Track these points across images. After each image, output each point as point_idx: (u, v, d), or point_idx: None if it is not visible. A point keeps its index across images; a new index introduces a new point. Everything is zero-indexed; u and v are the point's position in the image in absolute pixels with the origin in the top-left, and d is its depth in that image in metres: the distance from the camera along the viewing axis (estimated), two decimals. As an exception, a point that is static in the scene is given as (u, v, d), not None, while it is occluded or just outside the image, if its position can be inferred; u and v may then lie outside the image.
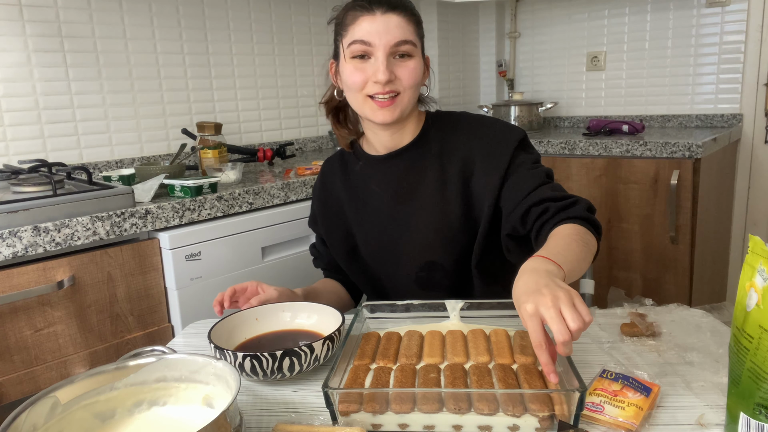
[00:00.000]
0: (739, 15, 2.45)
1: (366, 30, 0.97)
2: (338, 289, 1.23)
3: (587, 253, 0.87)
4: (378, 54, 0.97)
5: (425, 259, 1.08)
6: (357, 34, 0.98)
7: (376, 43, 0.97)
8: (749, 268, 0.60)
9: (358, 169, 1.14)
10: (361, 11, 0.99)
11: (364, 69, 0.99)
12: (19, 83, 1.65)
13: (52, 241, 1.19)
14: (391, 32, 0.97)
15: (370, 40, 0.97)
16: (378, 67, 0.97)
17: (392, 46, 0.97)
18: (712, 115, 2.58)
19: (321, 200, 1.20)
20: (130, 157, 1.90)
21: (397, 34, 0.97)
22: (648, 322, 0.91)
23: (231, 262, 1.48)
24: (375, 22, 0.97)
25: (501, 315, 0.89)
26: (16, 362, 1.20)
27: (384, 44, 0.97)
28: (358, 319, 0.86)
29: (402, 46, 0.98)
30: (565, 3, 2.92)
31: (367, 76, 0.99)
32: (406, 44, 0.98)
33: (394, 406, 0.66)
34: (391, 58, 0.98)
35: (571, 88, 2.96)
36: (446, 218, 1.05)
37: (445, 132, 1.10)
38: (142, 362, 0.69)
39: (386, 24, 0.97)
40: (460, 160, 1.06)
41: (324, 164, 1.23)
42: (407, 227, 1.08)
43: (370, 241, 1.12)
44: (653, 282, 2.16)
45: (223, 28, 2.12)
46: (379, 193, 1.11)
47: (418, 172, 1.08)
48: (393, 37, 0.97)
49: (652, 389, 0.71)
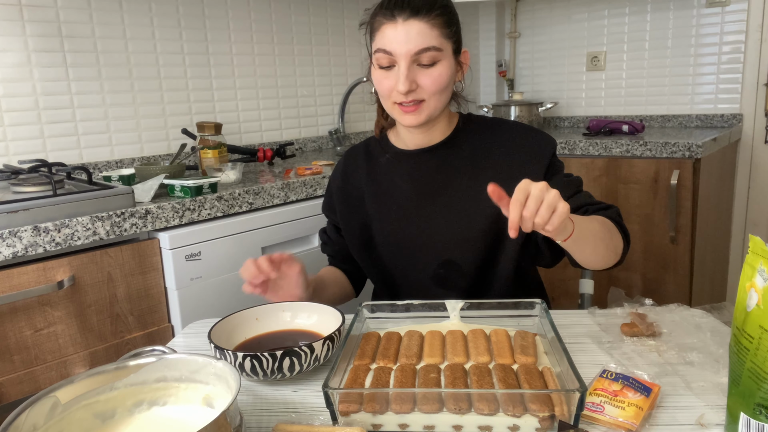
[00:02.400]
0: (739, 15, 2.45)
1: (389, 39, 0.97)
2: (342, 280, 1.23)
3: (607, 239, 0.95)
4: (400, 63, 0.97)
5: (444, 257, 1.08)
6: (380, 42, 0.99)
7: (397, 53, 0.97)
8: (749, 268, 0.60)
9: (384, 161, 1.14)
10: (384, 18, 0.98)
11: (389, 77, 0.99)
12: (19, 83, 1.65)
13: (52, 241, 1.19)
14: (412, 41, 0.96)
15: (391, 49, 0.97)
16: (398, 77, 0.97)
17: (413, 55, 0.96)
18: (712, 115, 2.58)
19: (341, 188, 1.18)
20: (130, 157, 1.90)
21: (418, 42, 0.96)
22: (648, 322, 0.91)
23: (231, 262, 1.48)
24: (396, 31, 0.96)
25: (501, 315, 0.89)
26: (16, 362, 1.20)
27: (405, 53, 0.96)
28: (358, 319, 0.86)
29: (424, 54, 0.97)
30: (565, 3, 2.92)
31: (392, 85, 0.99)
32: (428, 51, 0.97)
33: (394, 406, 0.66)
34: (414, 65, 0.98)
35: (571, 88, 2.96)
36: (473, 220, 1.06)
37: (478, 135, 1.10)
38: (142, 362, 0.69)
39: (407, 32, 0.96)
40: (494, 165, 1.07)
41: (348, 152, 1.22)
42: (430, 224, 1.08)
43: (389, 233, 1.12)
44: (653, 282, 2.16)
45: (223, 28, 2.12)
46: (403, 187, 1.11)
47: (446, 172, 1.09)
48: (414, 45, 0.96)
49: (653, 389, 0.71)
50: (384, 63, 0.99)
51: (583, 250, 0.93)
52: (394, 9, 0.97)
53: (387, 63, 0.99)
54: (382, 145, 1.16)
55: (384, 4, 0.99)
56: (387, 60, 0.98)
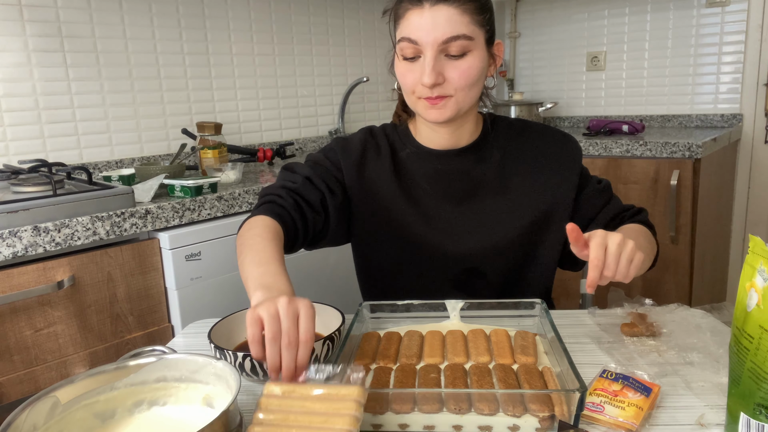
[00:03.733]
0: (739, 15, 2.45)
1: (414, 26, 0.88)
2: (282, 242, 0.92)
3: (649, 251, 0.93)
4: (426, 53, 0.88)
5: (468, 265, 1.03)
6: (405, 30, 0.90)
7: (423, 42, 0.88)
8: (749, 268, 0.60)
9: (405, 155, 1.05)
10: (409, 3, 0.89)
11: (413, 70, 0.91)
12: (19, 83, 1.65)
13: (52, 241, 1.19)
14: (439, 28, 0.86)
15: (416, 37, 0.88)
16: (424, 68, 0.88)
17: (441, 44, 0.87)
18: (712, 115, 2.58)
19: (357, 162, 1.04)
20: (130, 157, 1.90)
21: (446, 29, 0.87)
22: (648, 322, 0.91)
23: (231, 262, 1.48)
24: (423, 17, 0.87)
25: (501, 315, 0.89)
26: (16, 362, 1.20)
27: (431, 42, 0.87)
28: (358, 319, 0.86)
29: (452, 43, 0.87)
30: (565, 3, 2.92)
31: (417, 78, 0.91)
32: (458, 40, 0.87)
33: (394, 406, 0.66)
34: (442, 56, 0.89)
35: (571, 88, 2.96)
36: (503, 229, 1.02)
37: (508, 140, 1.05)
38: (142, 362, 0.69)
39: (434, 18, 0.87)
40: (524, 171, 1.03)
41: (368, 130, 1.09)
42: (454, 229, 1.03)
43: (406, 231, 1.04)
44: (653, 282, 2.16)
45: (223, 28, 2.12)
46: (425, 187, 1.03)
47: (475, 178, 1.02)
48: (442, 33, 0.87)
49: (653, 389, 0.71)
50: (408, 53, 0.90)
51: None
52: None
53: (412, 53, 0.90)
54: (402, 137, 1.06)
55: None
56: (412, 50, 0.90)
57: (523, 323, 0.88)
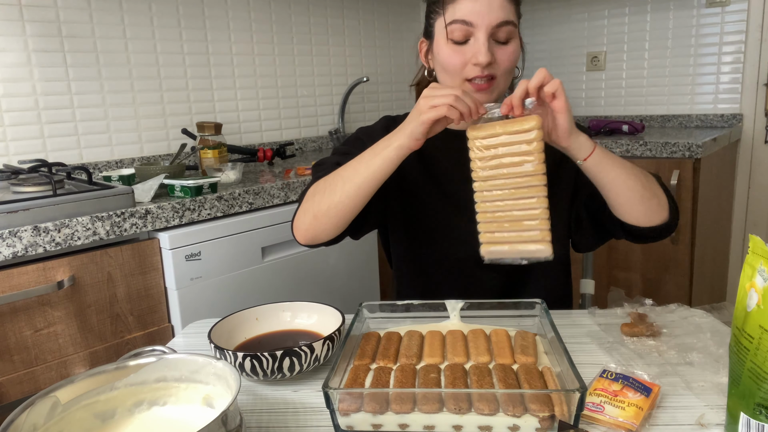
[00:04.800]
0: (739, 15, 2.45)
1: (468, 9, 0.92)
2: None
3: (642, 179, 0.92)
4: (479, 35, 0.93)
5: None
6: (458, 13, 0.93)
7: (478, 24, 0.92)
8: (749, 268, 0.60)
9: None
10: None
11: (463, 51, 0.95)
12: (19, 83, 1.65)
13: (52, 241, 1.19)
14: (494, 12, 0.92)
15: (471, 20, 0.92)
16: (479, 48, 0.93)
17: (494, 27, 0.92)
18: (712, 115, 2.58)
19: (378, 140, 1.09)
20: (130, 157, 1.90)
21: (500, 14, 0.92)
22: (648, 322, 0.91)
23: (231, 262, 1.48)
24: (477, 1, 0.92)
25: (501, 315, 0.89)
26: (16, 362, 1.20)
27: (486, 25, 0.92)
28: (358, 319, 0.86)
29: (503, 27, 0.93)
30: (565, 3, 2.92)
31: (466, 59, 0.94)
32: (508, 25, 0.93)
33: (394, 406, 0.66)
34: (491, 39, 0.94)
35: (571, 88, 2.96)
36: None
37: None
38: (142, 362, 0.69)
39: (489, 3, 0.92)
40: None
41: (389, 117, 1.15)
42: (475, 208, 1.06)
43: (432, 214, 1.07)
44: (653, 282, 2.16)
45: (223, 28, 2.12)
46: (450, 170, 1.07)
47: None
48: (496, 17, 0.92)
49: (653, 389, 0.71)
50: (458, 36, 0.94)
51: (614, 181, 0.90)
52: None
53: (462, 36, 0.94)
54: None
55: None
56: (463, 33, 0.93)
57: (523, 323, 0.88)
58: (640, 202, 0.92)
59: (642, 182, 0.92)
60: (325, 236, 0.97)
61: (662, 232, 0.98)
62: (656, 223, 0.95)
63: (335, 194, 0.92)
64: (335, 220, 0.93)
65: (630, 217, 0.94)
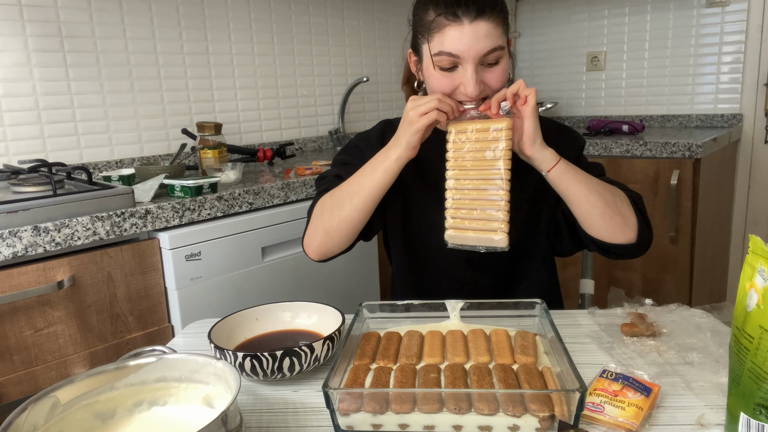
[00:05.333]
0: (739, 15, 2.45)
1: (454, 41, 0.92)
2: None
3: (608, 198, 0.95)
4: (467, 66, 0.93)
5: None
6: (444, 45, 0.93)
7: (464, 56, 0.92)
8: (749, 268, 0.60)
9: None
10: (446, 19, 0.93)
11: (452, 77, 0.95)
12: (19, 83, 1.65)
13: (52, 241, 1.19)
14: (480, 42, 0.92)
15: (458, 52, 0.92)
16: (467, 80, 0.93)
17: (482, 57, 0.93)
18: (712, 115, 2.58)
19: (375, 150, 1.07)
20: (130, 157, 1.90)
21: (486, 43, 0.92)
22: (648, 322, 0.91)
23: (231, 262, 1.49)
24: (463, 32, 0.92)
25: (501, 315, 0.89)
26: (16, 362, 1.20)
27: (473, 56, 0.92)
28: (358, 319, 0.86)
29: (491, 54, 0.93)
30: (565, 3, 2.92)
31: (454, 85, 0.96)
32: (495, 52, 0.93)
33: (394, 406, 0.66)
34: (479, 65, 0.94)
35: (571, 88, 2.96)
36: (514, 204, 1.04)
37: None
38: (142, 362, 0.69)
39: (475, 34, 0.91)
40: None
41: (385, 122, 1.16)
42: None
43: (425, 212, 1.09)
44: (653, 282, 2.16)
45: (223, 28, 2.12)
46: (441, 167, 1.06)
47: None
48: (483, 47, 0.92)
49: (653, 389, 0.71)
50: (446, 65, 0.95)
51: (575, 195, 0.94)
52: (457, 8, 0.92)
53: (449, 65, 0.95)
54: None
55: (440, 2, 0.94)
56: (450, 62, 0.94)
57: (523, 323, 0.88)
58: (601, 218, 0.95)
59: (606, 200, 0.95)
60: (337, 249, 1.04)
61: (629, 250, 1.00)
62: (620, 241, 0.98)
63: (344, 209, 0.98)
64: (346, 232, 1.01)
65: (592, 231, 0.98)
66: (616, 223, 0.96)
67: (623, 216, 0.96)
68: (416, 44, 1.02)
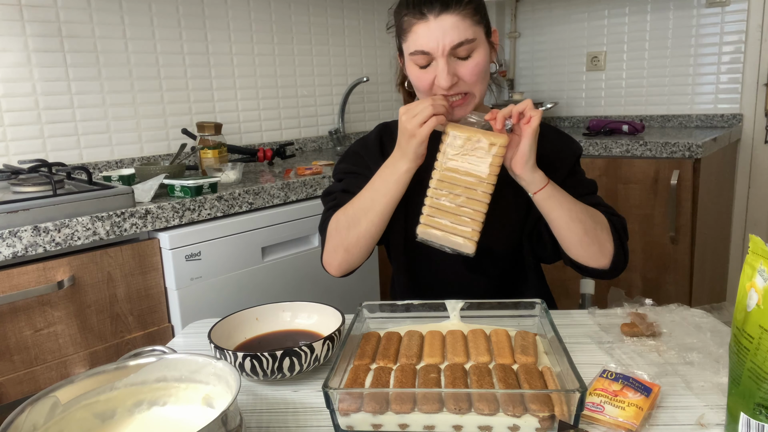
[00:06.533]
0: (739, 15, 2.45)
1: (423, 38, 0.95)
2: None
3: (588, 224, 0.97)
4: (438, 60, 0.95)
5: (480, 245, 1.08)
6: (415, 43, 0.96)
7: (434, 51, 0.95)
8: (749, 268, 0.60)
9: None
10: (413, 17, 0.96)
11: (428, 72, 0.98)
12: (19, 83, 1.65)
13: (52, 241, 1.19)
14: (447, 35, 0.94)
15: (428, 49, 0.95)
16: (439, 73, 0.95)
17: (450, 50, 0.95)
18: (712, 115, 2.58)
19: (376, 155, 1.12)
20: (130, 157, 1.90)
21: (453, 36, 0.94)
22: (648, 322, 0.91)
23: (231, 262, 1.48)
24: (429, 28, 0.94)
25: (501, 315, 0.89)
26: (16, 362, 1.20)
27: (442, 50, 0.94)
28: (358, 319, 0.86)
29: (460, 48, 0.95)
30: (565, 3, 2.92)
31: (431, 80, 0.98)
32: (464, 44, 0.95)
33: (394, 406, 0.66)
34: (452, 58, 0.96)
35: (571, 88, 2.96)
36: (508, 207, 1.07)
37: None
38: (142, 362, 0.69)
39: (441, 28, 0.93)
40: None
41: (382, 126, 1.18)
42: None
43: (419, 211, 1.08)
44: (653, 282, 2.16)
45: (223, 28, 2.12)
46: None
47: None
48: (450, 41, 0.94)
49: (653, 389, 0.71)
50: (422, 63, 0.97)
51: (557, 220, 0.96)
52: (422, 6, 0.94)
53: (425, 62, 0.97)
54: None
55: (409, 2, 0.96)
56: (424, 59, 0.96)
57: (523, 323, 0.88)
58: (579, 245, 0.98)
59: (585, 227, 0.97)
60: (358, 263, 1.07)
61: (601, 273, 1.03)
62: (594, 266, 1.00)
63: (360, 225, 1.00)
64: (365, 247, 1.03)
65: (569, 253, 1.01)
66: (593, 250, 0.98)
67: (600, 244, 0.98)
68: (399, 46, 1.05)
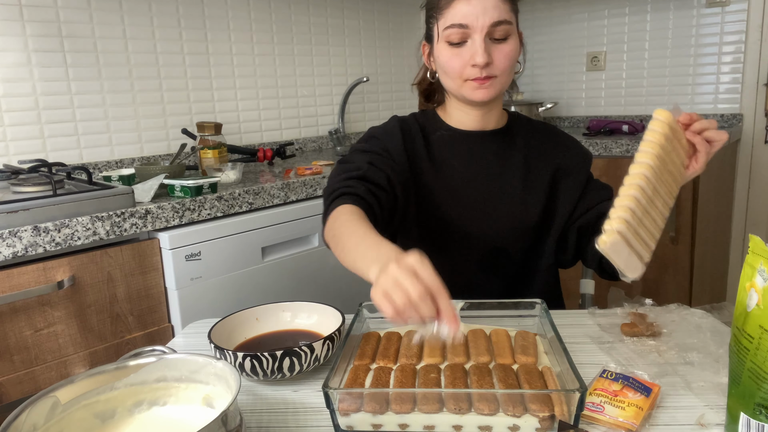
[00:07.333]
0: (739, 15, 2.45)
1: (462, 12, 0.96)
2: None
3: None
4: (475, 36, 0.96)
5: (496, 244, 1.09)
6: (453, 17, 0.97)
7: (473, 26, 0.95)
8: (749, 268, 0.60)
9: (437, 137, 1.11)
10: None
11: (461, 54, 0.98)
12: (19, 83, 1.65)
13: (52, 241, 1.19)
14: (488, 13, 0.95)
15: (467, 22, 0.95)
16: (476, 49, 0.96)
17: (489, 27, 0.95)
18: (712, 115, 2.57)
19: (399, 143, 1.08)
20: (130, 157, 1.90)
21: (494, 14, 0.95)
22: (648, 322, 0.91)
23: (231, 262, 1.48)
24: (471, 4, 0.95)
25: (501, 315, 0.89)
26: (16, 362, 1.20)
27: (481, 26, 0.95)
28: (358, 319, 0.86)
29: (499, 27, 0.96)
30: (565, 3, 2.91)
31: (465, 61, 0.98)
32: (503, 24, 0.96)
33: (394, 406, 0.66)
34: (488, 39, 0.97)
35: (571, 88, 2.96)
36: (527, 211, 1.08)
37: (530, 133, 1.13)
38: (142, 362, 0.69)
39: (483, 5, 0.95)
40: (544, 165, 1.10)
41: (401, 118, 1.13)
42: (484, 208, 1.08)
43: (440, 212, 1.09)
44: (653, 282, 2.16)
45: (223, 28, 2.12)
46: (457, 168, 1.09)
47: (504, 158, 1.10)
48: (490, 17, 0.95)
49: (653, 389, 0.71)
50: (456, 39, 0.97)
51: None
52: None
53: (459, 38, 0.97)
54: (432, 121, 1.13)
55: None
56: (459, 35, 0.97)
57: (523, 323, 0.88)
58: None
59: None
60: None
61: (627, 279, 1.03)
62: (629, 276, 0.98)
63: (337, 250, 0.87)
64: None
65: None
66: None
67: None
68: (429, 30, 1.05)
